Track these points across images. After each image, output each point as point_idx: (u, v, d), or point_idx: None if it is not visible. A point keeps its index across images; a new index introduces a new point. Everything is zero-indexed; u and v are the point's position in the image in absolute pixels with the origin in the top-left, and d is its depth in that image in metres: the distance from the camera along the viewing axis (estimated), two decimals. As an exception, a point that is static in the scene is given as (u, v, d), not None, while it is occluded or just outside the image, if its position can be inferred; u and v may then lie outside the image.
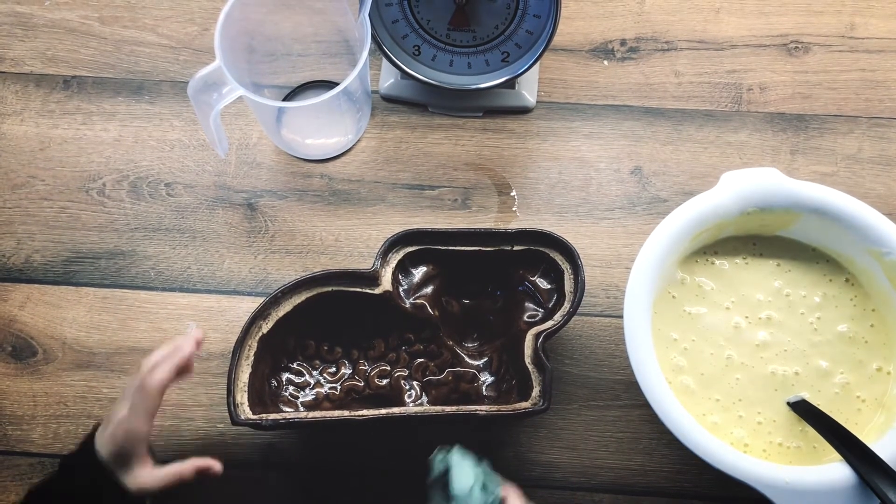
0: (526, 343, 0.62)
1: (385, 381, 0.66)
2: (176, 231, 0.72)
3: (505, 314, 0.67)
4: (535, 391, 0.60)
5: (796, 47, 0.77)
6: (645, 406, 0.56)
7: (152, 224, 0.72)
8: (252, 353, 0.62)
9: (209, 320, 0.70)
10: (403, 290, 0.66)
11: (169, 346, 0.57)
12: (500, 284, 0.68)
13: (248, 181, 0.74)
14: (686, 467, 0.66)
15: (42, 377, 0.68)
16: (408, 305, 0.65)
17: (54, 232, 0.72)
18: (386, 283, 0.64)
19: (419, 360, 0.66)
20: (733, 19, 0.78)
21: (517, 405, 0.60)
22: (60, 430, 0.67)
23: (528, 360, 0.61)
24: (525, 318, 0.65)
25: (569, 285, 0.64)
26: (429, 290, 0.66)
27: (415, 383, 0.66)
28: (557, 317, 0.63)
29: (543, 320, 0.64)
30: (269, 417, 0.59)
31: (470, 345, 0.68)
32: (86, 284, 0.71)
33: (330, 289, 0.64)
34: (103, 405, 0.67)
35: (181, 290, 0.71)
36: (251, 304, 0.70)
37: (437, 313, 0.66)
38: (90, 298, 0.70)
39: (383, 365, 0.66)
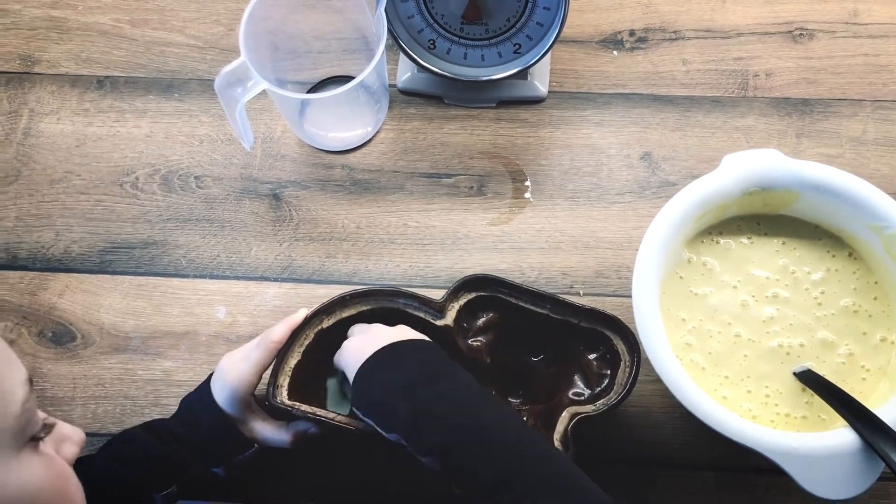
0: (560, 419, 0.60)
1: None
2: (205, 221, 0.76)
3: (553, 383, 0.66)
4: None
5: (801, 34, 0.79)
6: (656, 381, 0.58)
7: (183, 215, 0.76)
8: (307, 342, 0.63)
9: (238, 305, 0.73)
10: (463, 330, 0.66)
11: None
12: (556, 353, 0.67)
13: (273, 173, 0.77)
14: (697, 440, 0.68)
15: (81, 361, 0.72)
16: (463, 345, 0.65)
17: (91, 224, 0.76)
18: (449, 317, 0.64)
19: None
20: (739, 8, 0.80)
21: None
22: (99, 410, 0.71)
23: (557, 436, 0.60)
24: (570, 394, 0.64)
25: (622, 377, 0.62)
26: (488, 336, 0.66)
27: None
28: (600, 404, 0.61)
29: (587, 402, 0.63)
30: (301, 408, 0.61)
31: (513, 400, 0.67)
32: (121, 273, 0.74)
33: (396, 306, 0.65)
34: (139, 386, 0.71)
35: (211, 276, 0.74)
36: (278, 290, 0.73)
37: (489, 360, 0.66)
38: (125, 286, 0.74)
39: None
